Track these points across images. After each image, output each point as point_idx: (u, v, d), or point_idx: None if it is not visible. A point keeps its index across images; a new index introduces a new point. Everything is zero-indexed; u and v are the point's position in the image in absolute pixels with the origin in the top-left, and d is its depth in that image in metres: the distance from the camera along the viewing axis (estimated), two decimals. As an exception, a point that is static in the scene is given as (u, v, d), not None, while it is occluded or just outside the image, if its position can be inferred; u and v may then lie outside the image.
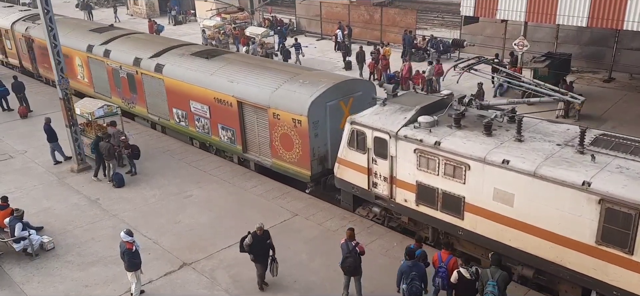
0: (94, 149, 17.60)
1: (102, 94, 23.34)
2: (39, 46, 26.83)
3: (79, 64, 24.50)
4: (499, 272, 10.01)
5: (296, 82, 16.28)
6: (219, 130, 18.35)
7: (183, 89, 19.03)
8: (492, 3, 22.94)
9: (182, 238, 14.37)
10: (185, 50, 20.55)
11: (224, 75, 17.84)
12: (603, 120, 21.37)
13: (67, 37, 24.05)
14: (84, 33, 24.96)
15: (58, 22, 25.89)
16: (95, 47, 23.15)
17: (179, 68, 19.29)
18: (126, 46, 22.20)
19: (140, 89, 21.20)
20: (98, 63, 23.14)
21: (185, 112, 19.42)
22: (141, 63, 20.62)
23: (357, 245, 11.10)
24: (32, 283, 12.79)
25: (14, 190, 17.07)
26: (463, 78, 14.76)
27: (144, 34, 28.90)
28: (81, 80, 24.82)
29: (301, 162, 15.95)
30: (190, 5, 49.39)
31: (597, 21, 20.20)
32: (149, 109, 21.37)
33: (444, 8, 45.82)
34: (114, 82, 22.59)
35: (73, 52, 24.49)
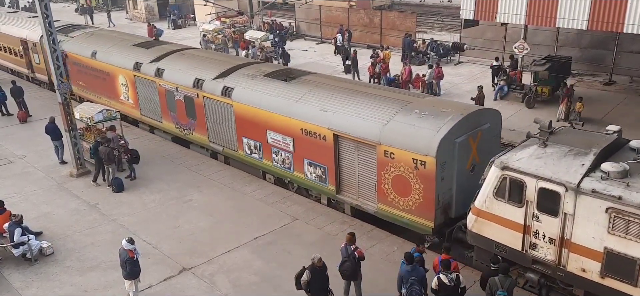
0: (93, 154, 17.56)
1: (150, 117, 21.34)
2: (74, 62, 24.65)
3: (123, 83, 21.98)
4: (508, 280, 9.92)
5: (412, 113, 13.55)
6: (305, 166, 15.68)
7: (258, 117, 16.49)
8: (492, 6, 22.92)
9: (182, 242, 14.31)
10: (255, 71, 17.90)
11: (314, 102, 15.22)
12: (604, 123, 21.30)
13: (108, 53, 22.50)
14: (128, 48, 22.41)
15: (96, 35, 25.08)
16: (144, 65, 20.56)
17: (253, 92, 16.68)
18: (182, 64, 19.62)
19: (201, 115, 18.57)
20: (147, 83, 20.56)
21: (259, 143, 16.81)
22: (204, 85, 17.98)
23: (356, 250, 11.03)
24: (31, 288, 12.73)
25: (14, 195, 17.02)
26: (463, 81, 14.68)
27: (201, 51, 26.28)
28: (125, 101, 22.32)
29: (421, 210, 13.21)
30: (190, 9, 49.42)
31: (597, 24, 20.17)
32: (210, 137, 18.70)
33: (443, 11, 45.89)
34: (166, 105, 20.00)
35: (116, 70, 22.12)
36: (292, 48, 36.08)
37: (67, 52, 24.61)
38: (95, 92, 24.14)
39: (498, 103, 23.86)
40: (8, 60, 31.86)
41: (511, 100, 24.43)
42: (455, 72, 29.45)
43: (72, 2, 63.56)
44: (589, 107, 22.07)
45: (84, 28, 27.45)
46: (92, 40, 24.58)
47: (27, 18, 31.58)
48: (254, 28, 37.56)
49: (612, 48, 26.44)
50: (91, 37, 25.21)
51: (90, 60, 23.48)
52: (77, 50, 24.40)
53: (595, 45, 27.87)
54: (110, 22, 48.01)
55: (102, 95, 23.55)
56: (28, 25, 29.41)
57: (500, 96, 24.65)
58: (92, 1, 57.99)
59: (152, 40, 23.70)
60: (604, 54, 27.58)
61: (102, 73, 22.90)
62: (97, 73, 23.29)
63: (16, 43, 29.81)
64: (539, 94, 23.69)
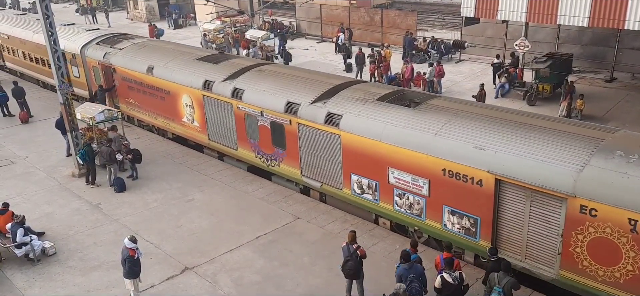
0: (83, 156, 17.52)
1: (222, 144, 18.48)
2: (124, 77, 21.95)
3: (188, 103, 19.13)
4: (506, 278, 9.93)
5: (615, 156, 10.52)
6: (444, 215, 12.70)
7: (377, 151, 13.49)
8: (493, 4, 22.92)
9: (184, 242, 14.33)
10: (363, 93, 14.92)
11: (463, 136, 12.17)
12: (605, 120, 21.31)
13: (168, 69, 19.72)
14: (193, 63, 19.42)
15: (148, 47, 22.18)
16: (216, 84, 17.65)
17: (369, 121, 13.68)
18: (266, 84, 16.69)
19: (293, 144, 15.76)
20: (220, 105, 17.73)
21: (375, 182, 13.84)
22: (299, 110, 15.21)
23: (358, 249, 11.05)
24: (34, 288, 12.76)
25: (15, 196, 17.05)
26: (464, 79, 14.63)
27: (284, 67, 22.85)
28: (188, 124, 19.55)
29: (636, 284, 10.29)
30: (190, 8, 49.47)
31: (598, 21, 20.17)
32: (303, 171, 15.85)
33: (444, 9, 45.83)
34: (246, 130, 17.19)
35: (179, 89, 19.23)
36: (293, 47, 36.10)
37: (116, 66, 22.17)
38: (149, 112, 21.42)
39: (499, 101, 23.87)
40: (39, 72, 28.63)
41: (512, 98, 24.42)
42: (456, 70, 29.44)
43: (72, 3, 63.63)
44: (590, 104, 22.05)
45: (131, 38, 24.42)
46: (145, 53, 21.57)
47: (62, 26, 27.83)
48: (255, 27, 37.60)
49: (613, 45, 26.40)
50: (143, 49, 22.15)
51: (145, 76, 20.56)
52: (128, 64, 21.60)
53: (597, 42, 27.84)
54: (108, 22, 48.06)
55: (158, 115, 20.93)
56: (64, 35, 25.49)
57: (502, 94, 24.64)
58: (93, 1, 58.05)
59: (218, 54, 20.41)
60: (605, 51, 27.55)
61: (160, 91, 20.17)
62: (154, 91, 20.45)
63: None
64: (540, 92, 23.67)
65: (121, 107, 22.63)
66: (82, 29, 27.02)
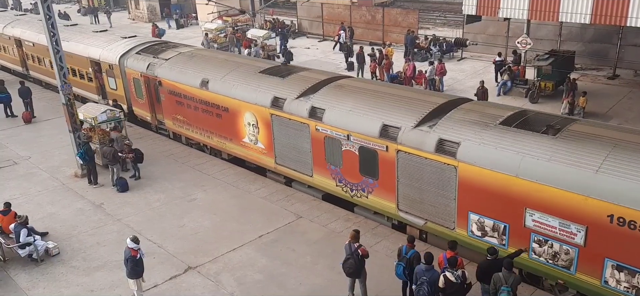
0: (82, 155, 17.52)
1: (292, 168, 16.34)
2: (172, 91, 19.75)
3: (251, 122, 17.04)
4: (512, 277, 9.92)
5: None
6: (606, 269, 10.52)
7: (509, 188, 11.40)
8: (495, 1, 22.89)
9: (187, 241, 14.36)
10: (479, 114, 12.82)
11: (635, 173, 10.05)
12: (608, 117, 21.28)
13: (227, 83, 17.57)
14: (256, 77, 17.21)
15: (198, 57, 20.08)
16: (288, 101, 15.64)
17: (499, 151, 11.51)
18: (354, 102, 14.47)
19: (389, 174, 13.60)
20: (293, 126, 15.65)
21: (504, 224, 11.68)
22: (400, 136, 13.05)
23: (359, 248, 11.04)
24: (38, 288, 12.80)
25: (19, 196, 17.09)
26: (466, 77, 14.56)
27: (370, 82, 19.63)
28: (250, 144, 17.48)
29: None
30: (192, 8, 49.51)
31: (600, 18, 20.12)
32: (401, 204, 13.67)
33: (446, 7, 45.77)
34: (325, 155, 15.10)
35: (240, 106, 17.13)
36: (294, 46, 36.10)
37: (162, 79, 19.98)
38: (201, 130, 19.28)
39: (501, 98, 23.84)
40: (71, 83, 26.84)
41: (515, 95, 24.39)
42: (458, 68, 29.41)
43: (74, 3, 63.73)
44: (592, 101, 22.02)
45: (175, 47, 22.37)
46: (196, 65, 19.32)
47: (94, 33, 26.59)
48: (256, 27, 37.63)
49: (615, 42, 26.36)
50: (193, 60, 19.88)
51: (198, 91, 18.45)
52: (177, 77, 19.38)
53: (599, 39, 27.79)
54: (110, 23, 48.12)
55: (212, 134, 18.83)
56: (100, 43, 24.27)
57: (504, 92, 24.61)
58: (95, 2, 58.13)
59: (282, 66, 18.47)
60: (607, 48, 27.50)
61: (216, 108, 18.09)
62: (209, 107, 18.38)
63: (84, 64, 24.68)
64: (543, 89, 23.64)
65: (167, 123, 20.86)
66: (117, 37, 24.83)
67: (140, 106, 22.17)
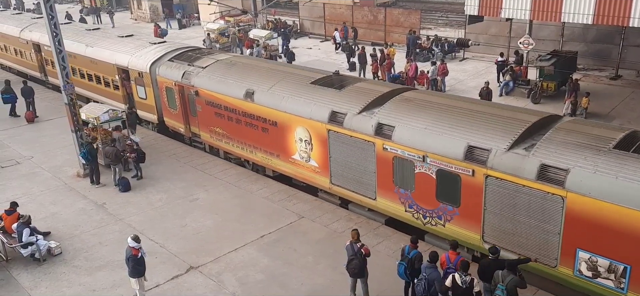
0: (85, 155, 17.54)
1: (351, 190, 14.89)
2: (210, 102, 18.26)
3: (304, 138, 15.60)
4: (510, 277, 9.91)
5: None
6: None
7: (634, 226, 10.10)
8: (497, 2, 22.87)
9: (189, 241, 14.37)
10: (585, 136, 11.34)
11: None
12: (610, 117, 21.24)
13: (275, 95, 16.16)
14: (308, 89, 15.80)
15: (239, 66, 18.52)
16: (348, 116, 14.23)
17: (619, 181, 10.16)
18: (430, 119, 12.98)
19: (474, 201, 12.15)
20: (354, 143, 14.20)
21: (625, 266, 10.34)
22: (491, 159, 11.61)
23: (362, 247, 11.06)
24: (40, 288, 12.82)
25: (21, 196, 17.13)
26: (468, 78, 14.53)
27: (443, 96, 16.86)
28: (301, 162, 15.98)
29: None
30: (194, 8, 49.56)
31: (603, 18, 20.11)
32: (487, 234, 12.15)
33: (448, 7, 45.76)
34: (393, 177, 13.62)
35: (291, 120, 15.73)
36: (296, 46, 36.11)
37: (199, 88, 18.50)
38: (243, 144, 17.80)
39: (504, 99, 23.82)
40: (94, 90, 24.72)
41: (517, 96, 24.36)
42: (460, 68, 29.39)
43: (77, 3, 63.84)
44: (595, 102, 21.98)
45: (209, 53, 21.06)
46: (238, 74, 17.85)
47: (119, 38, 24.98)
48: (258, 27, 37.65)
49: (618, 42, 26.32)
50: (233, 69, 18.33)
51: (241, 102, 17.00)
52: (217, 87, 17.92)
53: (601, 39, 27.76)
54: (112, 23, 48.18)
55: (256, 149, 17.36)
56: (128, 49, 22.76)
57: (506, 92, 24.59)
58: (98, 2, 58.23)
59: (336, 76, 16.69)
60: (610, 49, 27.46)
61: (262, 121, 16.68)
62: (253, 121, 16.99)
63: (110, 71, 23.07)
64: (545, 89, 23.61)
65: (203, 135, 19.40)
66: (145, 42, 23.33)
67: (172, 117, 20.60)
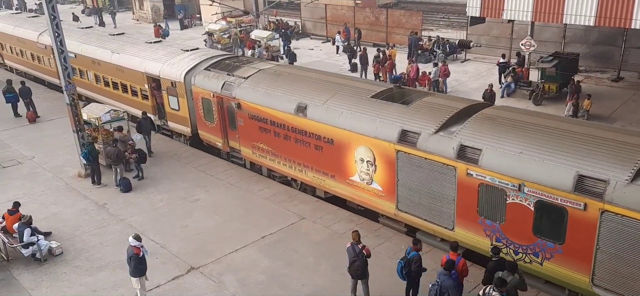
0: (86, 155, 17.55)
1: (422, 218, 13.37)
2: (254, 116, 16.88)
3: (366, 158, 14.08)
4: (510, 278, 9.88)
5: None
6: None
7: None
8: (499, 3, 22.86)
9: (190, 242, 14.37)
10: None
11: None
12: (612, 119, 21.20)
13: (330, 109, 14.70)
14: (369, 103, 14.32)
15: (285, 76, 17.13)
16: (423, 136, 12.74)
17: None
18: (525, 141, 11.57)
19: (584, 239, 10.71)
20: (430, 167, 12.68)
21: None
22: (609, 192, 10.18)
23: (363, 248, 11.05)
24: (41, 288, 12.83)
25: (22, 196, 17.14)
26: (470, 79, 14.48)
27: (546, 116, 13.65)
28: (361, 184, 14.49)
29: None
30: (196, 9, 49.60)
31: (604, 20, 20.08)
32: (598, 277, 10.73)
33: (450, 9, 45.72)
34: (477, 206, 12.11)
35: (351, 138, 14.24)
36: (298, 47, 36.12)
37: (242, 100, 17.07)
38: (292, 162, 16.35)
39: (505, 100, 23.79)
40: (120, 100, 23.10)
41: (518, 97, 24.34)
42: (461, 69, 29.37)
43: (79, 3, 63.94)
44: (596, 104, 21.94)
45: (249, 62, 19.55)
46: (286, 85, 16.46)
47: (147, 44, 23.40)
48: (260, 28, 37.67)
49: (620, 44, 26.28)
50: (280, 79, 16.94)
51: (292, 117, 15.58)
52: (263, 99, 16.50)
53: (603, 41, 27.72)
54: (114, 23, 48.23)
55: (307, 168, 15.92)
56: (159, 56, 21.28)
57: (508, 93, 24.57)
58: (99, 2, 58.30)
59: (397, 89, 15.48)
60: (611, 50, 27.41)
61: (316, 139, 15.23)
62: (305, 137, 15.55)
63: (138, 79, 21.60)
64: (547, 91, 23.58)
65: (243, 151, 18.01)
66: (177, 49, 21.89)
67: (208, 130, 19.16)
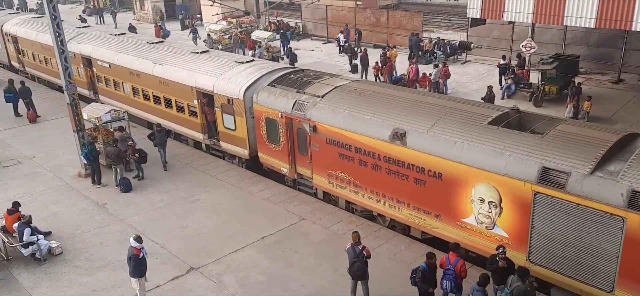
0: (87, 155, 17.55)
1: (567, 275, 11.15)
2: (333, 141, 14.72)
3: (487, 198, 11.86)
4: (518, 285, 9.87)
5: None
6: None
7: None
8: (499, 5, 22.87)
9: (190, 242, 14.37)
10: None
11: None
12: (612, 121, 21.21)
13: (437, 138, 12.55)
14: (486, 131, 12.20)
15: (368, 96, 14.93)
16: (573, 176, 10.63)
17: None
18: None
19: None
20: (585, 214, 10.49)
21: None
22: None
23: (363, 249, 11.05)
24: (41, 287, 12.82)
25: (23, 195, 17.13)
26: (470, 81, 14.43)
27: None
28: (478, 228, 12.29)
29: None
30: (197, 9, 49.64)
31: (605, 22, 20.08)
32: None
33: (450, 10, 45.80)
34: None
35: (468, 173, 12.02)
36: (298, 48, 36.15)
37: (319, 123, 14.97)
38: (381, 196, 14.14)
39: (506, 102, 23.80)
40: (162, 115, 21.11)
41: (519, 98, 24.34)
42: (462, 71, 29.38)
43: (80, 4, 64.00)
44: (597, 105, 21.95)
45: (319, 76, 17.21)
46: (374, 106, 14.26)
47: (193, 54, 21.25)
48: (261, 28, 37.71)
49: (620, 46, 26.29)
50: (365, 98, 14.82)
51: (386, 145, 13.39)
52: (346, 122, 14.35)
53: (604, 43, 27.73)
54: (115, 24, 48.28)
55: (402, 204, 13.70)
56: (210, 69, 19.11)
57: (508, 95, 24.59)
58: (100, 2, 58.35)
59: (514, 111, 13.16)
60: (612, 52, 27.43)
61: (417, 171, 13.00)
62: (402, 169, 13.31)
63: (186, 94, 19.40)
64: (547, 93, 23.60)
65: (316, 179, 15.86)
66: (229, 60, 19.91)
67: (272, 154, 17.07)
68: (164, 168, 18.74)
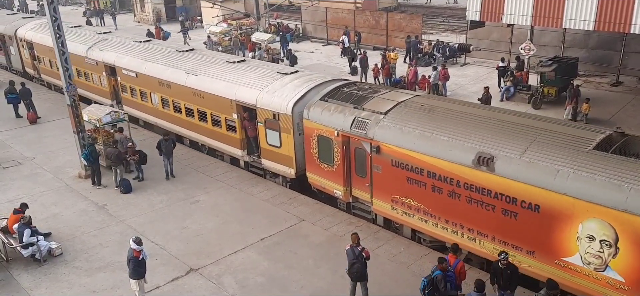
0: (87, 156, 17.59)
1: None
2: (400, 163, 13.28)
3: (598, 236, 10.32)
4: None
5: None
6: None
7: None
8: (498, 7, 22.91)
9: (189, 243, 14.40)
10: None
11: None
12: (611, 124, 21.23)
13: (532, 164, 11.07)
14: (591, 158, 10.69)
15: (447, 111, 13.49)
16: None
17: None
18: None
19: None
20: None
21: None
22: None
23: (363, 251, 11.08)
24: (40, 288, 12.85)
25: (22, 196, 17.16)
26: (469, 82, 14.43)
27: None
28: (583, 268, 10.73)
29: None
30: (197, 11, 49.70)
31: (604, 25, 20.12)
32: None
33: (449, 12, 45.87)
34: None
35: (574, 206, 10.49)
36: (298, 50, 36.19)
37: (383, 144, 13.57)
38: (458, 226, 12.59)
39: (505, 104, 23.84)
40: (196, 129, 19.93)
41: (518, 101, 24.39)
42: (461, 73, 29.43)
43: (80, 5, 64.05)
44: (595, 108, 22.00)
45: (376, 90, 15.81)
46: (449, 125, 12.80)
47: (229, 63, 19.96)
48: (261, 30, 37.77)
49: (619, 49, 26.33)
50: (437, 118, 13.34)
51: (468, 171, 11.86)
52: (417, 144, 12.89)
53: (602, 45, 27.78)
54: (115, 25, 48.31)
55: (484, 237, 12.14)
56: (251, 81, 17.82)
57: (507, 97, 24.62)
58: (101, 4, 58.42)
59: (624, 135, 11.68)
60: (611, 55, 27.48)
61: (508, 201, 11.44)
62: (487, 198, 11.75)
63: (224, 107, 18.12)
64: (546, 95, 23.64)
65: (377, 204, 14.44)
66: (272, 72, 18.34)
67: (323, 174, 15.68)
68: (166, 178, 18.14)
